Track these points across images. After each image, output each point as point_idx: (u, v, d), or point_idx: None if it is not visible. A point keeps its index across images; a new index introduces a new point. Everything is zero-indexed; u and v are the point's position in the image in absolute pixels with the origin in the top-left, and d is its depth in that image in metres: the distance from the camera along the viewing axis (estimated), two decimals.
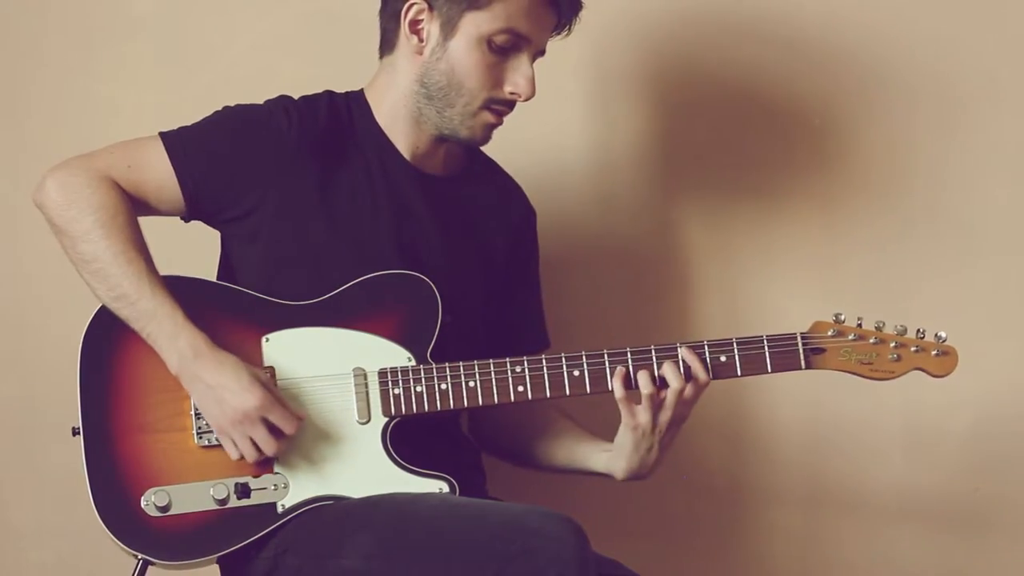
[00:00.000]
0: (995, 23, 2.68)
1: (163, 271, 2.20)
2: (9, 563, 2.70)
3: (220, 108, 2.29)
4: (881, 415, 2.67)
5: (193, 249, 2.36)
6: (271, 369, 2.18)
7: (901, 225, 2.69)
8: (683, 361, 2.19)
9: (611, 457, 2.25)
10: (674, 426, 2.21)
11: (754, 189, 2.69)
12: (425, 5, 2.23)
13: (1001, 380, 2.67)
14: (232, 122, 2.27)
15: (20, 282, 2.66)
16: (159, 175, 2.23)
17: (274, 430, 2.13)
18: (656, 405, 2.18)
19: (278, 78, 2.55)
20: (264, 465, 2.16)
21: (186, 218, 2.29)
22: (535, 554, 1.99)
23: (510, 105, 2.26)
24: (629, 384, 2.19)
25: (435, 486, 2.17)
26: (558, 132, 2.68)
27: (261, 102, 2.29)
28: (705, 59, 2.68)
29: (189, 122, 2.27)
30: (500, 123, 2.28)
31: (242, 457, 2.14)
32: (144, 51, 2.71)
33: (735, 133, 2.69)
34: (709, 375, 2.20)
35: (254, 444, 2.13)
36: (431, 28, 2.24)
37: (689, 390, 2.19)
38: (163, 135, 2.25)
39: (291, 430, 2.14)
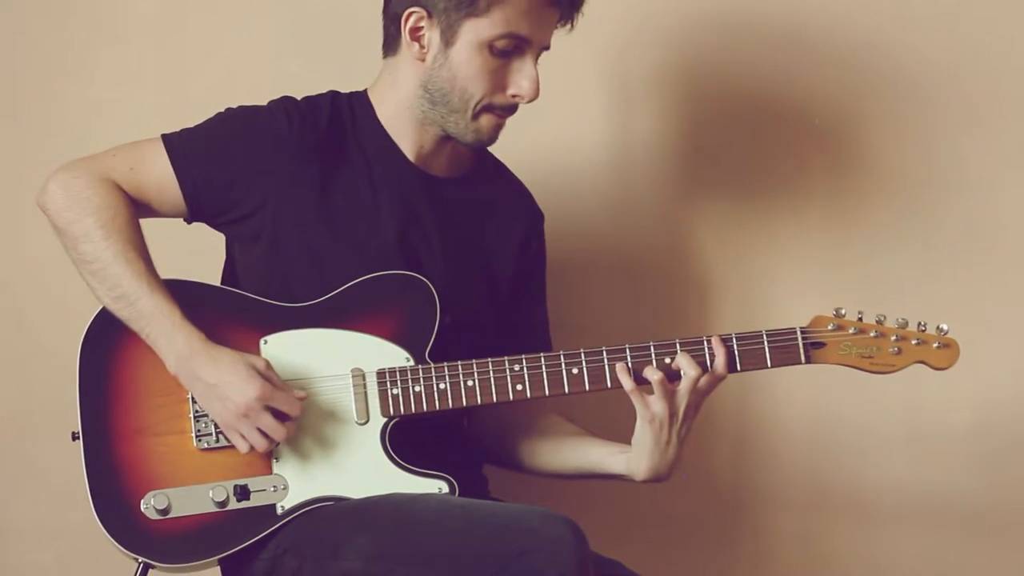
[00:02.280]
0: (1003, 23, 2.67)
1: (168, 275, 2.21)
2: (9, 563, 2.71)
3: (222, 109, 2.29)
4: (883, 416, 2.67)
5: (198, 252, 2.37)
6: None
7: (909, 227, 2.67)
8: (709, 352, 2.18)
9: (631, 458, 2.22)
10: (689, 417, 2.18)
11: (768, 193, 2.69)
12: (424, 13, 2.22)
13: (1003, 380, 2.66)
14: (233, 123, 2.27)
15: (20, 283, 2.67)
16: (160, 177, 2.24)
17: (279, 416, 2.13)
18: (669, 393, 2.16)
19: (278, 78, 2.55)
20: (263, 466, 2.16)
21: (188, 220, 2.30)
22: (534, 555, 1.98)
23: (512, 108, 2.25)
24: (637, 378, 2.18)
25: (434, 486, 2.17)
26: (574, 132, 2.68)
27: (264, 103, 2.29)
28: (724, 63, 2.67)
29: (189, 123, 2.28)
30: (504, 123, 2.27)
31: (252, 449, 2.14)
32: (144, 51, 2.71)
33: (752, 137, 2.68)
34: (727, 370, 2.18)
35: (262, 434, 2.13)
36: (432, 36, 2.23)
37: (705, 380, 2.17)
38: (165, 137, 2.26)
39: (296, 412, 2.13)
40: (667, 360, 2.19)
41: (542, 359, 2.20)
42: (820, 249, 2.68)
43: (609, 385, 2.20)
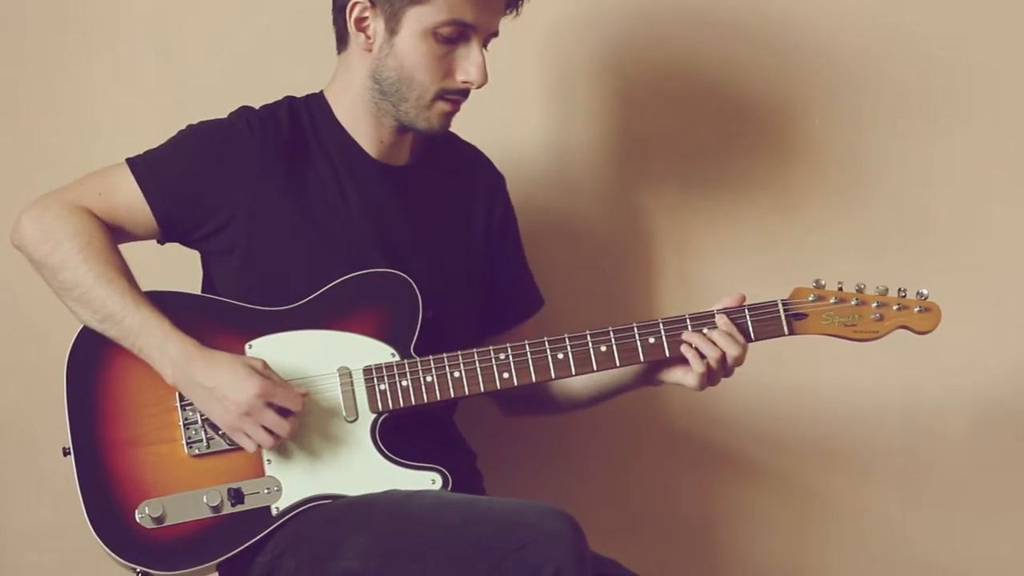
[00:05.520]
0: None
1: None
2: (9, 563, 2.71)
3: (184, 127, 2.30)
4: (881, 414, 2.67)
5: (175, 272, 2.36)
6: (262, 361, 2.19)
7: (890, 224, 2.68)
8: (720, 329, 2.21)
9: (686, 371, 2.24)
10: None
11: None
12: (368, 3, 2.23)
13: (1000, 380, 2.66)
14: (196, 140, 2.28)
15: (21, 285, 2.65)
16: (130, 200, 2.25)
17: (282, 412, 2.14)
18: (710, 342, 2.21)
19: (278, 78, 2.54)
20: (256, 469, 2.17)
21: (161, 240, 2.30)
22: (532, 549, 1.99)
23: (464, 93, 2.26)
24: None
25: (427, 478, 2.18)
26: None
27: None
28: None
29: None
30: (457, 110, 2.27)
31: (258, 448, 2.14)
32: (144, 52, 2.71)
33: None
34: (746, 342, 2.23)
35: (267, 431, 2.14)
36: (376, 25, 2.24)
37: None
38: (129, 161, 2.26)
39: (298, 407, 2.14)
40: (650, 340, 2.20)
41: (527, 346, 2.21)
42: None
43: (595, 368, 2.21)
